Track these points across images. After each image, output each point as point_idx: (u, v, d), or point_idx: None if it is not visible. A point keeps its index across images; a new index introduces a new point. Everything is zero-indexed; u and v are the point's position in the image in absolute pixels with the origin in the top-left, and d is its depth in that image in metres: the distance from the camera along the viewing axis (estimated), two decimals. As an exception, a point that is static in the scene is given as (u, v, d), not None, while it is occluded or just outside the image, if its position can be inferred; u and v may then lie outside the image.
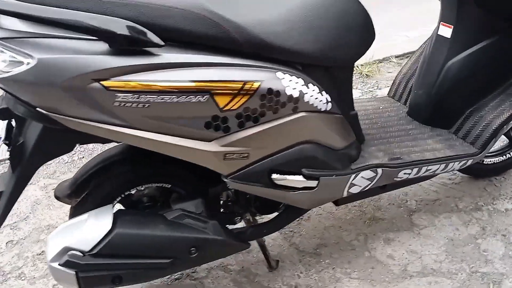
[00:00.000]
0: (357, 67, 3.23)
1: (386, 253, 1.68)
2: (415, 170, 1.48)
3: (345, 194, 1.41)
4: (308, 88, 1.21)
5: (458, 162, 1.53)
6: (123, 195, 1.33)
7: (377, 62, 3.31)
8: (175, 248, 1.20)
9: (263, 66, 1.13)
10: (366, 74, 3.14)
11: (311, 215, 1.90)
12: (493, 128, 1.53)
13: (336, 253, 1.70)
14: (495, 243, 1.68)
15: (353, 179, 1.39)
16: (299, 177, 1.27)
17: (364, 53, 1.36)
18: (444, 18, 1.60)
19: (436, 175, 1.60)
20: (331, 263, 1.66)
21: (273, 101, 1.14)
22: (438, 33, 1.62)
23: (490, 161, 1.95)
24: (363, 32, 1.32)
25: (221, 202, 1.38)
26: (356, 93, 2.97)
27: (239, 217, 1.43)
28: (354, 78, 3.14)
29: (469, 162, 1.56)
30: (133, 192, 1.35)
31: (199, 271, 1.66)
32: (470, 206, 1.86)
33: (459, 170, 1.95)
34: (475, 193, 1.94)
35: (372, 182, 1.45)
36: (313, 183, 1.30)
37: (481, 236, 1.71)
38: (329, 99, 1.29)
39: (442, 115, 1.66)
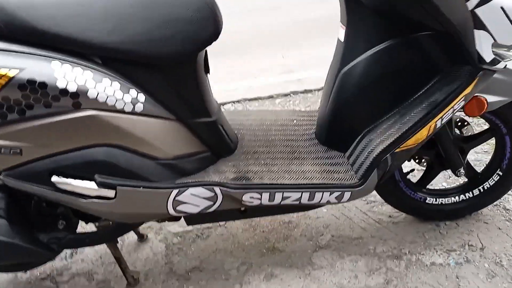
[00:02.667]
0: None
1: (257, 291, 1.42)
2: (266, 195, 1.22)
3: (171, 211, 1.21)
4: (100, 83, 1.06)
5: (329, 193, 1.23)
6: None
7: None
8: None
9: (31, 53, 1.02)
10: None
11: (212, 234, 1.70)
12: (374, 156, 1.20)
13: (206, 280, 1.48)
14: (390, 303, 1.32)
15: (177, 196, 1.19)
16: (89, 184, 1.12)
17: (201, 49, 1.17)
18: (341, 18, 1.31)
19: (314, 205, 1.30)
20: (193, 291, 1.45)
21: (39, 93, 1.02)
22: (338, 36, 1.34)
23: (437, 201, 1.56)
24: (194, 26, 1.13)
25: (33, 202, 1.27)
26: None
27: (64, 221, 1.30)
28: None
29: (347, 195, 1.24)
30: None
31: (65, 274, 1.58)
32: (390, 252, 1.50)
33: (399, 209, 1.60)
34: (408, 237, 1.56)
35: (214, 202, 1.23)
36: (109, 193, 1.13)
37: (379, 291, 1.36)
38: (143, 100, 1.12)
39: (337, 135, 1.36)
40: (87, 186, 1.12)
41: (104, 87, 1.06)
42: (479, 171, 1.56)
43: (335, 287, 1.40)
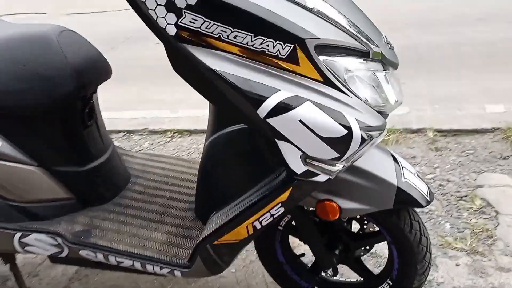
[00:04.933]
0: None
1: None
2: (100, 255, 1.24)
3: (20, 250, 1.30)
4: None
5: (160, 267, 1.21)
6: None
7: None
8: None
9: None
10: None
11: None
12: (197, 241, 1.14)
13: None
14: None
15: (22, 238, 1.27)
16: None
17: (61, 105, 1.24)
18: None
19: (154, 273, 1.26)
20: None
21: None
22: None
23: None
24: (50, 83, 1.20)
25: None
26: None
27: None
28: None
29: (178, 273, 1.20)
30: None
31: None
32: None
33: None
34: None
35: (61, 250, 1.29)
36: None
37: None
38: (-1, 144, 1.22)
39: (199, 205, 1.33)
40: None
41: None
42: (375, 273, 1.39)
43: None
